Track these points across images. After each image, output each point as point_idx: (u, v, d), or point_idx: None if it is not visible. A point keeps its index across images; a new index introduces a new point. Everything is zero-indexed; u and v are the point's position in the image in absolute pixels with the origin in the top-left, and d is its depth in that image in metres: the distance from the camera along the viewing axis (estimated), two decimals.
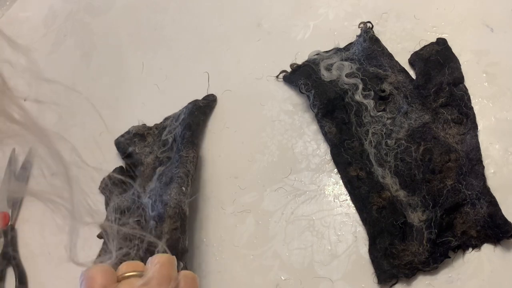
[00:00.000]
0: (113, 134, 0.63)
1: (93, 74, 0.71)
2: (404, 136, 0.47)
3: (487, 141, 0.45)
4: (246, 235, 0.49)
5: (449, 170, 0.44)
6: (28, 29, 0.83)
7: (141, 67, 0.68)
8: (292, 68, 0.56)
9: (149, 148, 0.57)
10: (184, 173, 0.49)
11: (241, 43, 0.63)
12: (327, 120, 0.51)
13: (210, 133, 0.57)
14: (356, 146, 0.49)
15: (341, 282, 0.43)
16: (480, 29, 0.52)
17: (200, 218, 0.52)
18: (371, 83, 0.51)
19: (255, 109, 0.56)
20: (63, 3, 0.83)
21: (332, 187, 0.49)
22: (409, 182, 0.45)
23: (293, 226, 0.47)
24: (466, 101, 0.47)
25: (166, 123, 0.58)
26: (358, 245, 0.44)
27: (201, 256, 0.49)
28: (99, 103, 0.67)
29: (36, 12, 0.84)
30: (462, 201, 0.42)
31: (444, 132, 0.46)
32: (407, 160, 0.46)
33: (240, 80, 0.60)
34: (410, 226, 0.43)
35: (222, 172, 0.54)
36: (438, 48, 0.51)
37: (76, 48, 0.76)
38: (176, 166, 0.50)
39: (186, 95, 0.62)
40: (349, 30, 0.57)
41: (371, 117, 0.49)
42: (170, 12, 0.72)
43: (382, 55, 0.53)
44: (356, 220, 0.46)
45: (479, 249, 0.41)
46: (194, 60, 0.65)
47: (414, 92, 0.49)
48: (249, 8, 0.66)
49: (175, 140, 0.54)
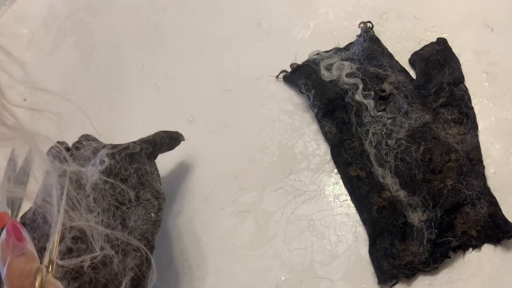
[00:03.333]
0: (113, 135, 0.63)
1: (93, 74, 0.71)
2: (404, 136, 0.47)
3: (488, 141, 0.45)
4: (246, 235, 0.49)
5: (449, 170, 0.44)
6: (28, 29, 0.82)
7: (141, 67, 0.68)
8: (292, 68, 0.56)
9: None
10: (153, 195, 0.41)
11: (241, 43, 0.63)
12: (327, 120, 0.51)
13: (210, 133, 0.57)
14: (356, 146, 0.49)
15: (341, 282, 0.43)
16: (480, 29, 0.52)
17: (200, 218, 0.52)
18: (371, 83, 0.51)
19: (255, 109, 0.56)
20: (63, 3, 0.83)
21: (332, 187, 0.49)
22: (409, 182, 0.45)
23: (293, 226, 0.47)
24: (466, 101, 0.47)
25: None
26: (358, 245, 0.44)
27: (201, 256, 0.49)
28: (99, 103, 0.67)
29: (36, 12, 0.84)
30: (463, 201, 0.42)
31: (445, 132, 0.46)
32: (407, 160, 0.46)
33: (240, 80, 0.60)
34: (410, 226, 0.43)
35: (222, 172, 0.53)
36: (438, 48, 0.51)
37: (76, 48, 0.75)
38: (139, 182, 0.41)
39: (186, 95, 0.62)
40: (349, 30, 0.57)
41: (371, 117, 0.49)
42: (170, 12, 0.72)
43: (382, 55, 0.53)
44: (356, 220, 0.46)
45: (480, 249, 0.41)
46: (194, 60, 0.65)
47: (414, 92, 0.49)
48: (249, 8, 0.66)
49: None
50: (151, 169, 0.43)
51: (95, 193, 0.38)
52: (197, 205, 0.52)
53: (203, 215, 0.52)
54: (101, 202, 0.38)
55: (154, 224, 0.39)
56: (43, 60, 0.77)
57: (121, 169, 0.40)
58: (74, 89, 0.70)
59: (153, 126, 0.61)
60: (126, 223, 0.39)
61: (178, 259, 0.50)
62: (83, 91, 0.70)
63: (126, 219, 0.39)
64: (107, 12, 0.77)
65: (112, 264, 0.36)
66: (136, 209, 0.39)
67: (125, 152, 0.42)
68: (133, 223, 0.39)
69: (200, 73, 0.63)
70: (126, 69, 0.69)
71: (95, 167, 0.40)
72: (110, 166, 0.40)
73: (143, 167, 0.42)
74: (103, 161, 0.40)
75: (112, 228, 0.38)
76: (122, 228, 0.38)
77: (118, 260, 0.36)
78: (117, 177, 0.40)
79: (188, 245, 0.50)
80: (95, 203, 0.38)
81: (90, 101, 0.68)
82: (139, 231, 0.38)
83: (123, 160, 0.41)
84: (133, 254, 0.37)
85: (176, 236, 0.51)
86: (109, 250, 0.36)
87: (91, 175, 0.39)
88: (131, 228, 0.38)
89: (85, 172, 0.40)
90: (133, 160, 0.42)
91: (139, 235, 0.38)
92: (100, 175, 0.39)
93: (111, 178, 0.39)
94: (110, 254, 0.36)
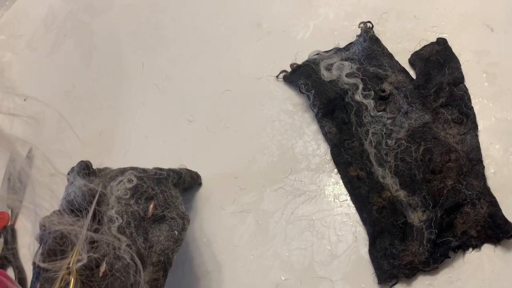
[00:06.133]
0: (113, 135, 0.63)
1: (93, 74, 0.71)
2: (404, 136, 0.47)
3: (487, 141, 0.45)
4: (246, 235, 0.49)
5: (449, 170, 0.44)
6: (28, 29, 0.83)
7: (141, 67, 0.68)
8: (292, 68, 0.56)
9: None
10: (178, 215, 0.42)
11: (241, 43, 0.63)
12: (327, 120, 0.51)
13: (210, 133, 0.57)
14: (356, 146, 0.49)
15: (341, 282, 0.43)
16: (480, 29, 0.52)
17: (200, 218, 0.52)
18: (371, 83, 0.51)
19: (255, 109, 0.56)
20: (63, 3, 0.83)
21: (332, 187, 0.49)
22: (409, 182, 0.45)
23: (293, 226, 0.47)
24: (466, 101, 0.47)
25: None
26: (358, 245, 0.44)
27: (201, 256, 0.49)
28: (99, 103, 0.67)
29: (36, 12, 0.84)
30: (462, 201, 0.42)
31: (445, 132, 0.46)
32: (407, 160, 0.46)
33: (240, 80, 0.60)
34: (410, 226, 0.43)
35: (222, 172, 0.53)
36: (438, 48, 0.51)
37: (76, 48, 0.75)
38: (165, 201, 0.42)
39: (186, 95, 0.62)
40: (349, 30, 0.57)
41: (371, 117, 0.49)
42: (170, 12, 0.72)
43: (382, 55, 0.53)
44: (356, 220, 0.46)
45: (479, 249, 0.41)
46: (194, 60, 0.65)
47: (414, 92, 0.49)
48: (249, 8, 0.66)
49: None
50: (176, 195, 0.44)
51: (119, 206, 0.39)
52: (197, 205, 0.52)
53: (203, 215, 0.52)
54: (123, 214, 0.39)
55: (176, 242, 0.40)
56: (43, 60, 0.77)
57: (148, 188, 0.41)
58: (74, 89, 0.70)
59: (153, 126, 0.61)
60: (149, 237, 0.39)
61: (178, 259, 0.50)
62: (83, 91, 0.70)
63: (149, 233, 0.39)
64: (107, 12, 0.77)
65: (129, 274, 0.36)
66: (160, 225, 0.40)
67: (153, 177, 0.43)
68: (156, 238, 0.39)
69: (200, 73, 0.63)
70: (126, 69, 0.69)
71: (122, 183, 0.41)
72: (137, 185, 0.41)
73: (169, 191, 0.43)
74: (131, 179, 0.41)
75: (133, 240, 0.38)
76: (144, 241, 0.39)
77: (134, 270, 0.37)
78: (143, 195, 0.41)
79: (188, 245, 0.50)
80: (118, 214, 0.39)
81: (90, 101, 0.68)
82: (161, 246, 0.39)
83: (150, 180, 0.42)
84: (150, 268, 0.38)
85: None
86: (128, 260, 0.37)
87: (117, 190, 0.41)
88: (152, 243, 0.39)
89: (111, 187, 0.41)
90: (160, 183, 0.43)
91: (160, 250, 0.39)
92: (126, 191, 0.40)
93: (137, 195, 0.40)
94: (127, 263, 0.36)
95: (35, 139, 0.60)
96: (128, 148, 0.61)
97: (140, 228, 0.39)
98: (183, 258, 0.49)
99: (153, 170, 0.44)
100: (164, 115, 0.61)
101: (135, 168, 0.43)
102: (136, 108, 0.64)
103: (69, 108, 0.69)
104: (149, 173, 0.43)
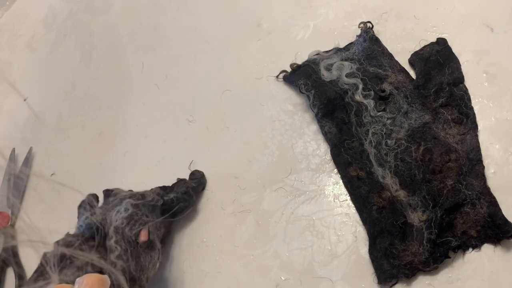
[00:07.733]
0: (113, 135, 0.63)
1: (93, 74, 0.71)
2: (404, 136, 0.47)
3: (487, 141, 0.45)
4: (246, 235, 0.49)
5: (449, 170, 0.44)
6: (28, 29, 0.83)
7: (141, 67, 0.68)
8: (292, 68, 0.56)
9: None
10: (158, 247, 0.45)
11: (241, 43, 0.63)
12: (327, 120, 0.51)
13: (210, 133, 0.57)
14: (356, 146, 0.49)
15: (341, 282, 0.43)
16: (480, 29, 0.52)
17: (200, 218, 0.52)
18: (371, 83, 0.51)
19: (255, 109, 0.56)
20: (63, 3, 0.83)
21: (332, 187, 0.49)
22: (409, 182, 0.45)
23: (293, 226, 0.47)
24: (466, 101, 0.47)
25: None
26: (358, 245, 0.44)
27: (201, 256, 0.49)
28: (99, 103, 0.67)
29: (36, 12, 0.84)
30: (462, 201, 0.42)
31: (444, 132, 0.46)
32: (407, 160, 0.46)
33: (240, 80, 0.60)
34: (410, 226, 0.43)
35: (222, 172, 0.54)
36: (438, 48, 0.51)
37: (76, 48, 0.75)
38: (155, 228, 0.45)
39: (186, 95, 0.62)
40: (349, 30, 0.57)
41: (371, 117, 0.49)
42: (170, 12, 0.72)
43: (382, 55, 0.53)
44: (356, 220, 0.46)
45: (479, 249, 0.41)
46: (194, 60, 0.65)
47: (414, 92, 0.49)
48: (249, 8, 0.66)
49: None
50: (159, 226, 0.47)
51: (117, 236, 0.43)
52: (197, 205, 0.52)
53: (203, 215, 0.52)
54: (121, 243, 0.42)
55: (154, 268, 0.43)
56: (43, 60, 0.77)
57: (142, 216, 0.45)
58: (74, 89, 0.70)
59: (153, 126, 0.61)
60: (141, 262, 0.43)
61: (178, 259, 0.50)
62: (83, 91, 0.70)
63: (141, 259, 0.43)
64: (107, 12, 0.77)
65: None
66: (150, 252, 0.44)
67: (149, 203, 0.46)
68: (146, 264, 0.43)
69: (200, 73, 0.63)
70: (126, 69, 0.69)
71: (119, 213, 0.44)
72: (132, 213, 0.44)
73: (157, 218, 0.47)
74: (127, 209, 0.45)
75: (128, 265, 0.41)
76: (135, 265, 0.42)
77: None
78: (137, 222, 0.44)
79: (188, 245, 0.50)
80: (117, 244, 0.42)
81: (90, 101, 0.68)
82: (148, 273, 0.43)
83: (145, 208, 0.46)
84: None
85: (176, 236, 0.51)
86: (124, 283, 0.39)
87: (115, 220, 0.44)
88: (142, 267, 0.42)
89: (110, 218, 0.44)
90: (153, 211, 0.47)
91: (147, 276, 0.42)
92: (122, 220, 0.44)
93: (131, 223, 0.44)
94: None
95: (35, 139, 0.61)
96: (128, 148, 0.61)
97: (134, 253, 0.43)
98: (182, 258, 0.50)
99: (151, 196, 0.47)
100: (164, 115, 0.61)
101: (134, 195, 0.47)
102: (136, 108, 0.64)
103: (69, 108, 0.69)
104: (146, 198, 0.46)
